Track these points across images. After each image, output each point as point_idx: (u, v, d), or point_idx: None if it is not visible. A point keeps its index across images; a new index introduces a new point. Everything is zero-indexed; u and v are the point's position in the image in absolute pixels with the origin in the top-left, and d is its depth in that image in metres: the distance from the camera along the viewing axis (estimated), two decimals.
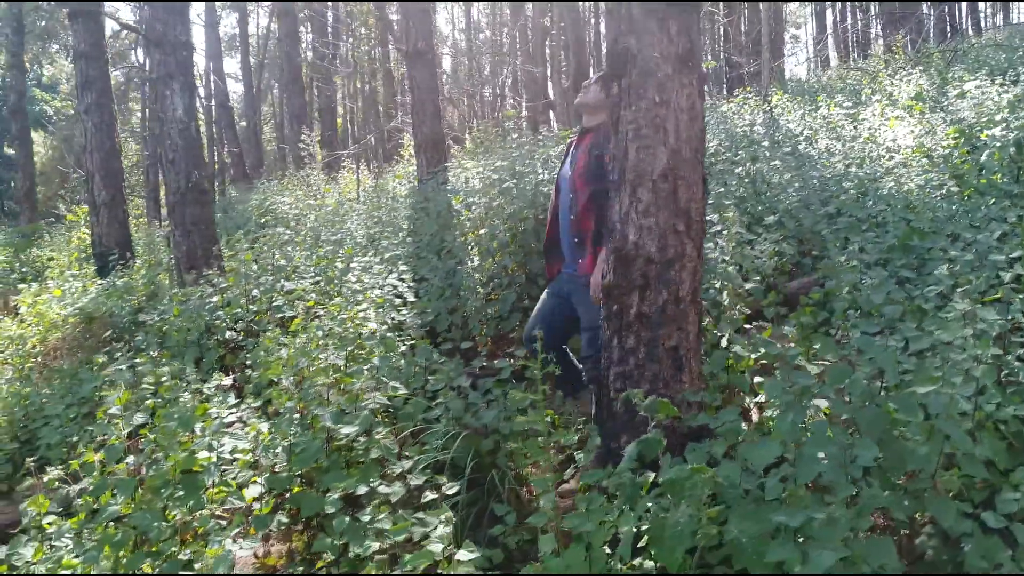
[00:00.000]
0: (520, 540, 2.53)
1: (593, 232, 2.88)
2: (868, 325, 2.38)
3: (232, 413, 2.86)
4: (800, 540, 1.58)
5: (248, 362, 3.68)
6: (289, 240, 5.03)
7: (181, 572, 1.93)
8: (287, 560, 2.58)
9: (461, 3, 23.07)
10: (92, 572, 2.13)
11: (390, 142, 13.84)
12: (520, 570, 2.50)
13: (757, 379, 2.50)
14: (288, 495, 2.50)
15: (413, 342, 3.64)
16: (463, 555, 1.78)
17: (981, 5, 20.48)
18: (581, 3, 17.18)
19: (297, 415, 2.59)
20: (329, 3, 17.17)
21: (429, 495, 2.06)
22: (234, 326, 4.01)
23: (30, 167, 11.90)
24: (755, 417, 2.81)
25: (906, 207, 4.11)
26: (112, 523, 2.27)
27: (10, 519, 3.35)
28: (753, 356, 2.55)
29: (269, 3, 18.73)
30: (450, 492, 2.00)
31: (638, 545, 1.83)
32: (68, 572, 2.11)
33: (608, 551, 1.87)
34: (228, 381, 2.88)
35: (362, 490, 2.35)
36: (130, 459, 2.35)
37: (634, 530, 1.71)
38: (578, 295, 2.98)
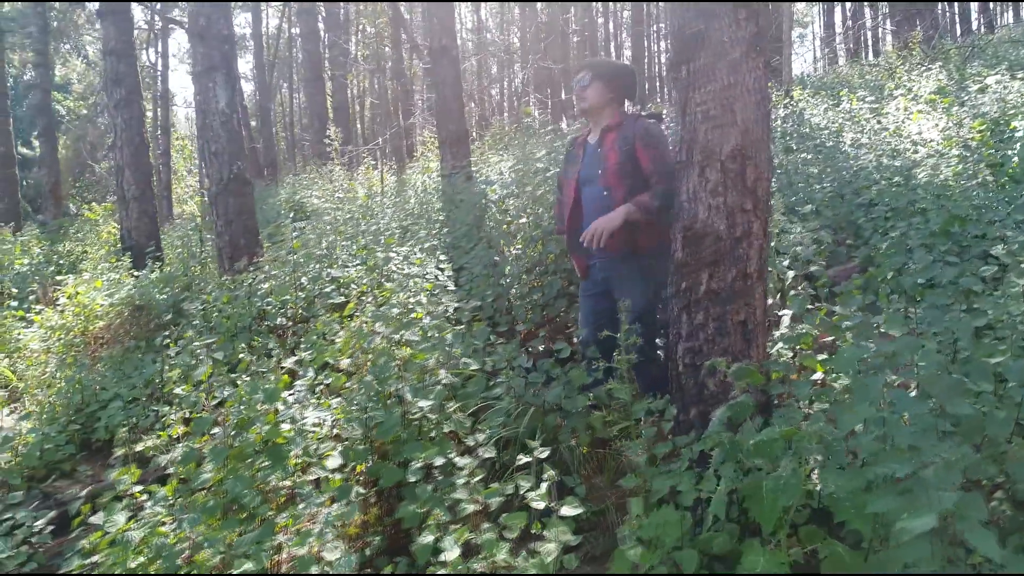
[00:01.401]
0: (589, 511, 2.61)
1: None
2: (938, 297, 2.46)
3: (292, 394, 2.94)
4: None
5: (302, 346, 3.76)
6: (332, 230, 5.11)
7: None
8: (362, 530, 2.66)
9: (472, 3, 23.15)
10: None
11: (408, 139, 13.94)
12: (591, 540, 2.59)
13: (821, 356, 2.57)
14: (364, 467, 2.58)
15: (461, 327, 3.73)
16: (567, 510, 1.85)
17: (992, 4, 20.50)
18: (596, 3, 17.24)
19: (370, 390, 2.66)
20: (346, 2, 17.31)
21: (523, 458, 2.13)
22: (284, 312, 4.10)
23: (55, 164, 12.02)
24: None
25: (944, 195, 4.18)
26: (204, 491, 2.36)
27: (75, 497, 3.45)
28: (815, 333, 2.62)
29: (287, 2, 18.87)
30: (542, 456, 2.07)
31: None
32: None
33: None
34: (289, 362, 2.96)
35: (439, 461, 2.43)
36: (216, 430, 2.44)
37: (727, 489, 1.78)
38: (617, 279, 3.02)
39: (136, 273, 6.28)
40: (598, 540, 2.54)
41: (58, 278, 6.28)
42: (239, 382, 2.59)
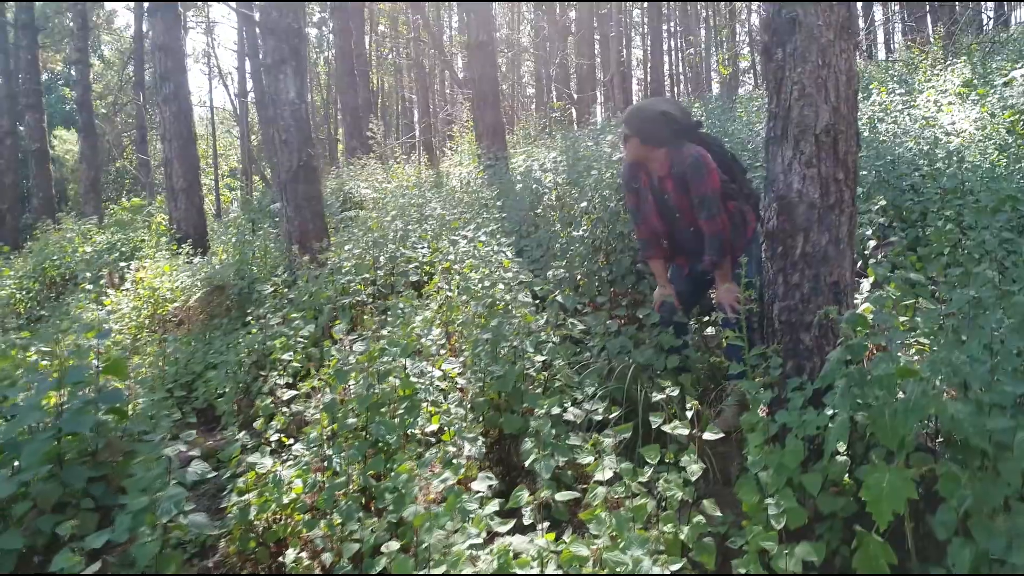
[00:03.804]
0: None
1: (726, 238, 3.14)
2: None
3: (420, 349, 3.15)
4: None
5: (388, 318, 3.98)
6: (399, 214, 5.33)
7: None
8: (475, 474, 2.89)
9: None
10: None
11: (429, 134, 14.18)
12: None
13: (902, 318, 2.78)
14: (483, 417, 2.81)
15: (540, 299, 3.95)
16: (708, 435, 2.07)
17: (1006, 5, 20.69)
18: (612, 3, 17.49)
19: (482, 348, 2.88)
20: (379, 1, 17.55)
21: (656, 395, 2.35)
22: (365, 289, 4.33)
23: (95, 159, 12.31)
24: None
25: (993, 177, 4.39)
26: (343, 437, 2.59)
27: (186, 456, 3.68)
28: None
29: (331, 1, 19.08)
30: (674, 393, 2.29)
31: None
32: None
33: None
34: (419, 320, 3.19)
35: (556, 411, 2.65)
36: (351, 382, 2.66)
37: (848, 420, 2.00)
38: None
39: (197, 260, 6.52)
40: (698, 485, 2.77)
41: (121, 264, 6.53)
42: (370, 342, 2.82)
